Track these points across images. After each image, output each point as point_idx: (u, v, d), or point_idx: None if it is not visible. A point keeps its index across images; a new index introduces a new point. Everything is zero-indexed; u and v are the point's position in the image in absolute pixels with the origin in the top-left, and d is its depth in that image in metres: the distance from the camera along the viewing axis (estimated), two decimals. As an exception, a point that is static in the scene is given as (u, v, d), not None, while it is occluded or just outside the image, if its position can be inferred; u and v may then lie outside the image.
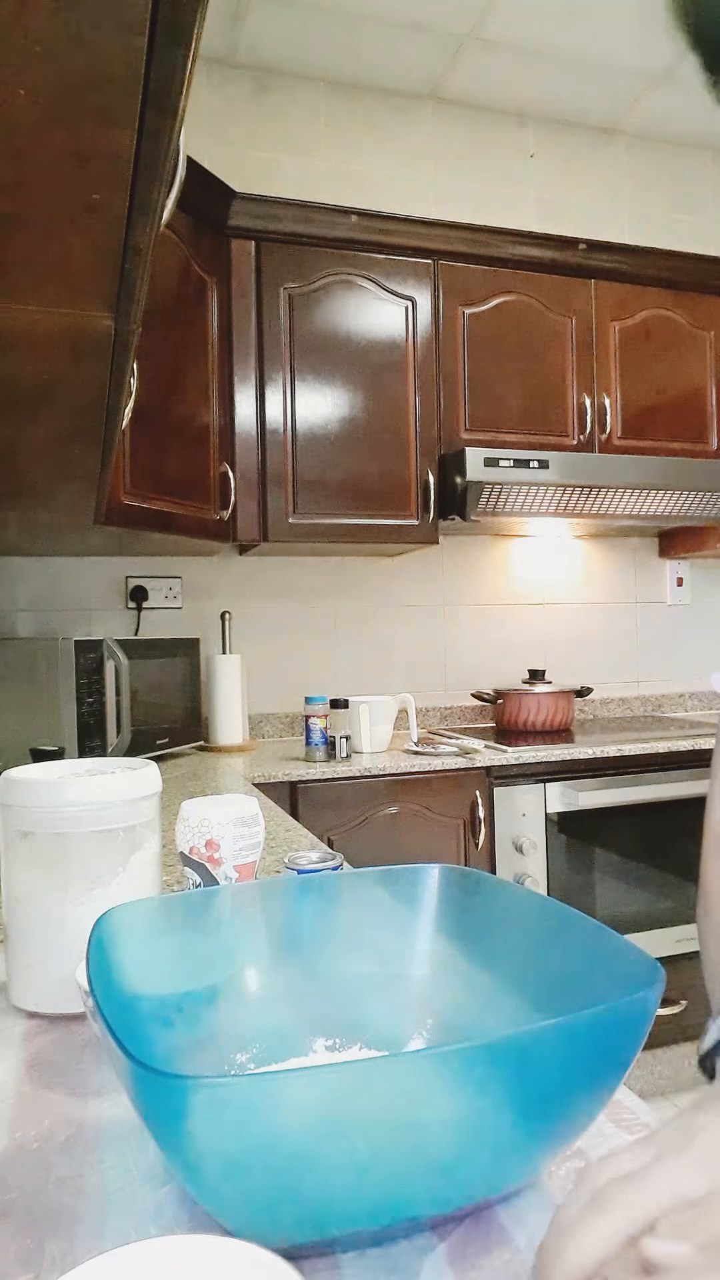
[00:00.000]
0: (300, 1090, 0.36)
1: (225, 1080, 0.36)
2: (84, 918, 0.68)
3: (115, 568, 2.47)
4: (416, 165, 2.80)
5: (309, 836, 1.41)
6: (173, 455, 2.07)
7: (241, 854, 0.81)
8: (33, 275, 0.56)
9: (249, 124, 2.65)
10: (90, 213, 0.48)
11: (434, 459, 2.40)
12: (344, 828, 2.04)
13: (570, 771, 2.17)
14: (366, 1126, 0.37)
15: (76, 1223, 0.44)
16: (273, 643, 2.62)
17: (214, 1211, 0.39)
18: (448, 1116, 0.38)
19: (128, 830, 0.70)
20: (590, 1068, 0.40)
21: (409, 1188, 0.39)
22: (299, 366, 2.30)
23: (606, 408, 2.55)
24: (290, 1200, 0.38)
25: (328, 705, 2.21)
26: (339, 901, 0.61)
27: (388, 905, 0.61)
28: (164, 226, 0.60)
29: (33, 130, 0.41)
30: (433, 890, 0.61)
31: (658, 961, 0.43)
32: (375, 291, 2.36)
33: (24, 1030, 0.67)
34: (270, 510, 2.27)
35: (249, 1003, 0.57)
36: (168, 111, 0.41)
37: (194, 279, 2.13)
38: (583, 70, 2.66)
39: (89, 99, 0.39)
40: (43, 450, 1.03)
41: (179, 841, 0.82)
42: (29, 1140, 0.52)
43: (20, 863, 0.69)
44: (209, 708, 2.41)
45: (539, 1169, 0.44)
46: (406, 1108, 0.37)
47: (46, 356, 0.69)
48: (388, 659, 2.72)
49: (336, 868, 0.80)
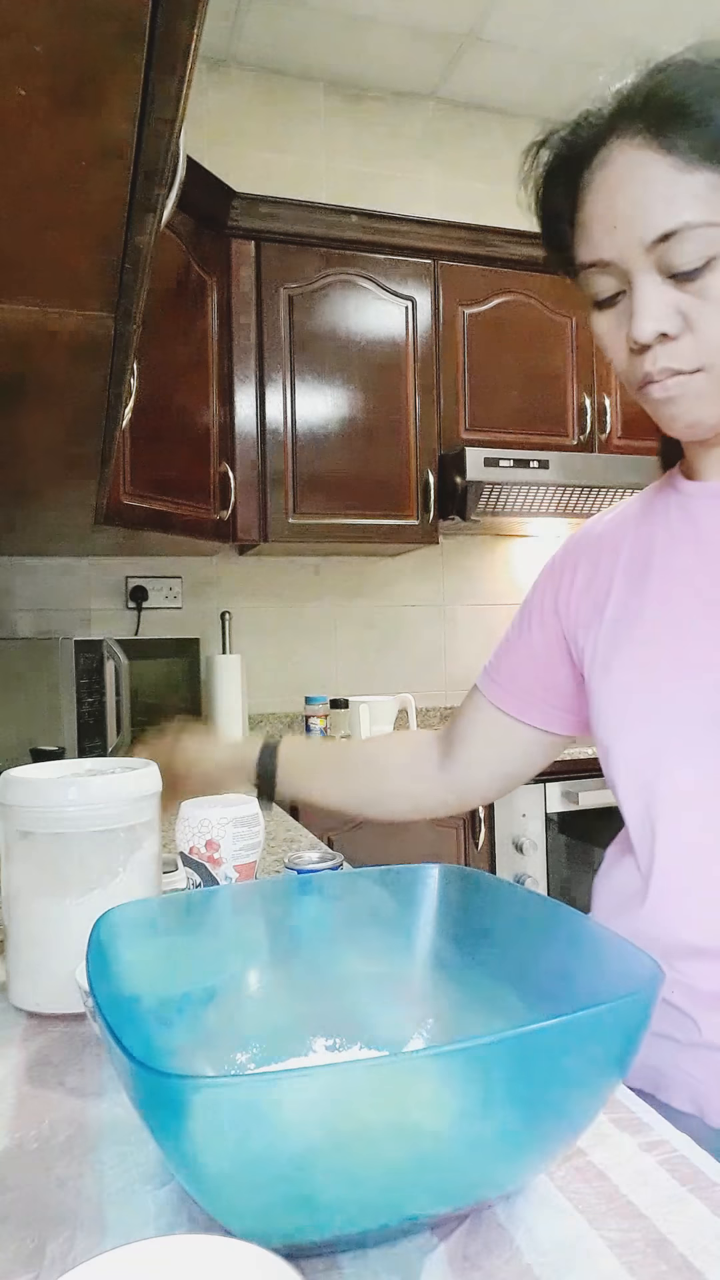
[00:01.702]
0: (300, 1090, 0.36)
1: (225, 1080, 0.36)
2: (84, 918, 0.68)
3: (115, 568, 2.47)
4: (416, 165, 2.80)
5: (309, 836, 1.41)
6: (173, 455, 2.07)
7: (241, 854, 0.81)
8: (33, 275, 0.56)
9: (249, 124, 2.65)
10: (90, 212, 0.48)
11: (434, 459, 2.39)
12: (344, 828, 2.04)
13: (570, 771, 2.17)
14: (366, 1126, 0.37)
15: (76, 1223, 0.44)
16: (273, 643, 2.62)
17: (214, 1211, 0.39)
18: (448, 1116, 0.38)
19: (128, 830, 0.70)
20: (590, 1067, 0.40)
21: (409, 1188, 0.39)
22: (299, 366, 2.30)
23: (606, 408, 2.55)
24: (290, 1200, 0.38)
25: (328, 705, 2.21)
26: (339, 901, 0.61)
27: (388, 905, 0.61)
28: (164, 226, 0.61)
29: (32, 130, 0.41)
30: (433, 890, 0.61)
31: (657, 961, 0.43)
32: (375, 291, 2.36)
33: (24, 1030, 0.67)
34: (270, 510, 2.27)
35: (249, 1003, 0.57)
36: (168, 111, 0.41)
37: (194, 279, 2.13)
38: (582, 70, 2.66)
39: (89, 99, 0.39)
40: (43, 450, 1.03)
41: (179, 841, 0.82)
42: (29, 1140, 0.52)
43: (20, 863, 0.69)
44: (209, 708, 2.41)
45: (539, 1169, 0.44)
46: (406, 1107, 0.37)
47: (46, 356, 0.69)
48: (388, 659, 2.72)
49: (336, 868, 0.80)
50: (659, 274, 0.59)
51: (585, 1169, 0.47)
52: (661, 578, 0.71)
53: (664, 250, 0.58)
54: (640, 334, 0.60)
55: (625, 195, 0.59)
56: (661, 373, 0.61)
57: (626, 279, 0.61)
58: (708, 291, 0.58)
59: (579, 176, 0.62)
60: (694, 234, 0.57)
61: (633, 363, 0.63)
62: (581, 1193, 0.45)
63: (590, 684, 0.75)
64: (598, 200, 0.61)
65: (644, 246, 0.58)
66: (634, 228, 0.58)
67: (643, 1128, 0.51)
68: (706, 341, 0.59)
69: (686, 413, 0.63)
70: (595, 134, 0.61)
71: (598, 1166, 0.47)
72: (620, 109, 0.59)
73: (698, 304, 0.59)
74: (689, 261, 0.57)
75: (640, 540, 0.75)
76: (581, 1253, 0.41)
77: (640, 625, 0.71)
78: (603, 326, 0.65)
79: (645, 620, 0.71)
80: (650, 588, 0.72)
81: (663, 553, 0.72)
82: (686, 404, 0.62)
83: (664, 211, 0.57)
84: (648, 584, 0.72)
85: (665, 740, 0.67)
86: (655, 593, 0.71)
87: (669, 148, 0.56)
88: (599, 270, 0.62)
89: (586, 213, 0.62)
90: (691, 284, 0.58)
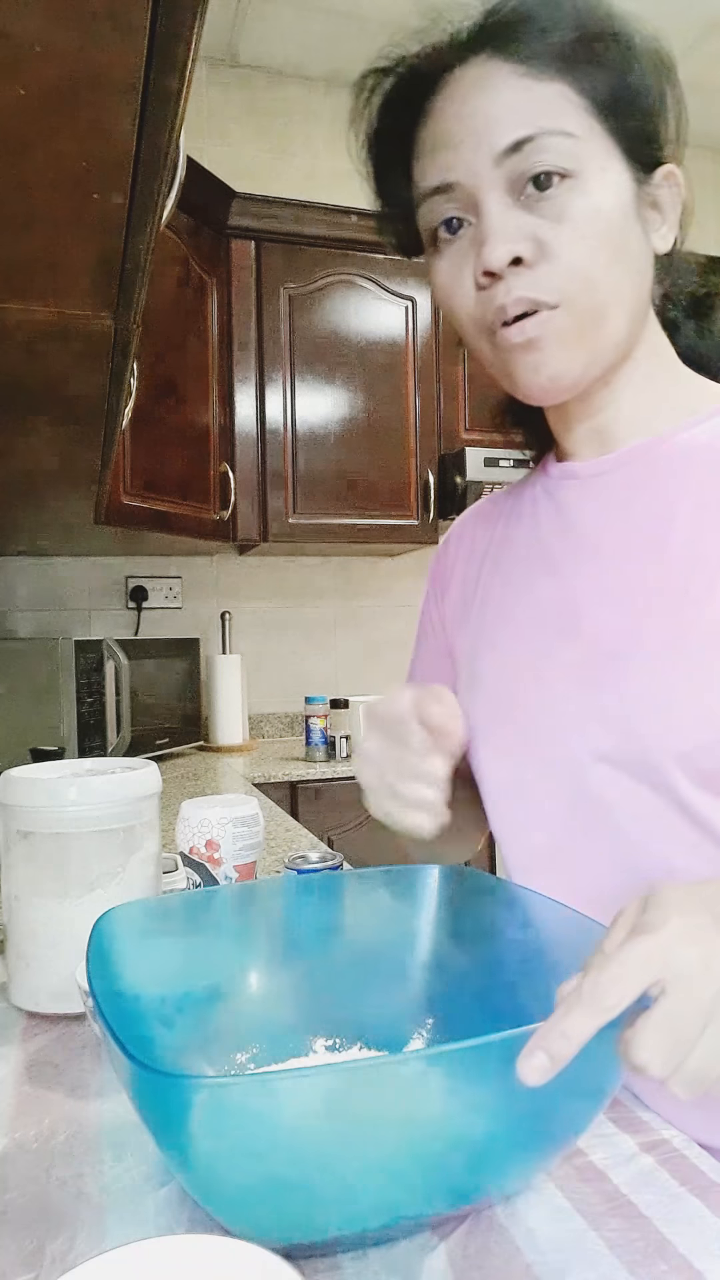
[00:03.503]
0: (300, 1091, 0.36)
1: (225, 1080, 0.36)
2: (84, 918, 0.68)
3: (115, 568, 2.47)
4: (416, 165, 2.79)
5: (309, 836, 1.41)
6: (173, 455, 2.07)
7: (241, 854, 0.81)
8: (33, 275, 0.56)
9: (249, 124, 2.65)
10: (90, 213, 0.48)
11: (434, 459, 2.39)
12: (344, 828, 2.04)
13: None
14: (366, 1127, 0.37)
15: (76, 1223, 0.44)
16: (273, 643, 2.62)
17: (214, 1211, 0.39)
18: (448, 1116, 0.38)
19: (127, 830, 0.70)
20: (590, 1068, 0.40)
21: (409, 1188, 0.39)
22: (299, 366, 2.30)
23: (606, 408, 2.54)
24: (290, 1200, 0.38)
25: (328, 705, 2.21)
26: (339, 901, 0.61)
27: (388, 905, 0.61)
28: (164, 226, 0.61)
29: (33, 130, 0.41)
30: (433, 890, 0.60)
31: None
32: (375, 291, 2.36)
33: (24, 1030, 0.67)
34: (270, 510, 2.27)
35: (249, 1003, 0.57)
36: (168, 112, 0.41)
37: (194, 279, 2.13)
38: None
39: (89, 99, 0.39)
40: (43, 450, 1.03)
41: (179, 841, 0.82)
42: (29, 1140, 0.52)
43: (20, 863, 0.69)
44: (209, 708, 2.41)
45: (539, 1169, 0.44)
46: (406, 1108, 0.37)
47: (47, 356, 0.69)
48: (388, 659, 2.72)
49: (337, 868, 0.80)
50: (509, 195, 0.54)
51: (585, 1169, 0.47)
52: (521, 578, 0.65)
53: (516, 161, 0.53)
54: (491, 258, 0.53)
55: (474, 108, 0.54)
56: (517, 303, 0.54)
57: (474, 203, 0.55)
58: (565, 212, 0.53)
59: (423, 103, 0.57)
60: (547, 142, 0.52)
61: (482, 301, 0.56)
62: (581, 1193, 0.45)
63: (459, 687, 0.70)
64: (444, 119, 0.56)
65: (493, 158, 0.53)
66: (483, 139, 0.53)
67: (643, 1128, 0.51)
68: (566, 268, 0.53)
69: (548, 361, 0.55)
70: (442, 57, 0.56)
71: (598, 1166, 0.47)
72: (469, 30, 0.55)
73: (553, 228, 0.53)
74: (545, 165, 0.52)
75: (508, 531, 0.69)
76: (581, 1253, 0.41)
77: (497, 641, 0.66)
78: (443, 267, 0.58)
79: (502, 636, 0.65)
80: (510, 591, 0.66)
81: (525, 547, 0.66)
82: (549, 349, 0.55)
83: (516, 119, 0.53)
84: (509, 586, 0.66)
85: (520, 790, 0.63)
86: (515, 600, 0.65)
87: (518, 58, 0.53)
88: (443, 197, 0.56)
89: (430, 134, 0.57)
90: (544, 204, 0.53)
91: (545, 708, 0.61)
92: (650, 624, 0.56)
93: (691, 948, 0.37)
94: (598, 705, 0.58)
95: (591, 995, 0.35)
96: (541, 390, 0.57)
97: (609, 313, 0.55)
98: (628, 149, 0.55)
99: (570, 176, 0.53)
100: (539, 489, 0.67)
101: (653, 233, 0.58)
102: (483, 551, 0.71)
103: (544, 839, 0.62)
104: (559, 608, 0.62)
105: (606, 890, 0.58)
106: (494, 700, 0.65)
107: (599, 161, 0.54)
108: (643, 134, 0.55)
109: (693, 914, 0.38)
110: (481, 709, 0.66)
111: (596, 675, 0.58)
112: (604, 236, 0.54)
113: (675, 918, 0.38)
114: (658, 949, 0.36)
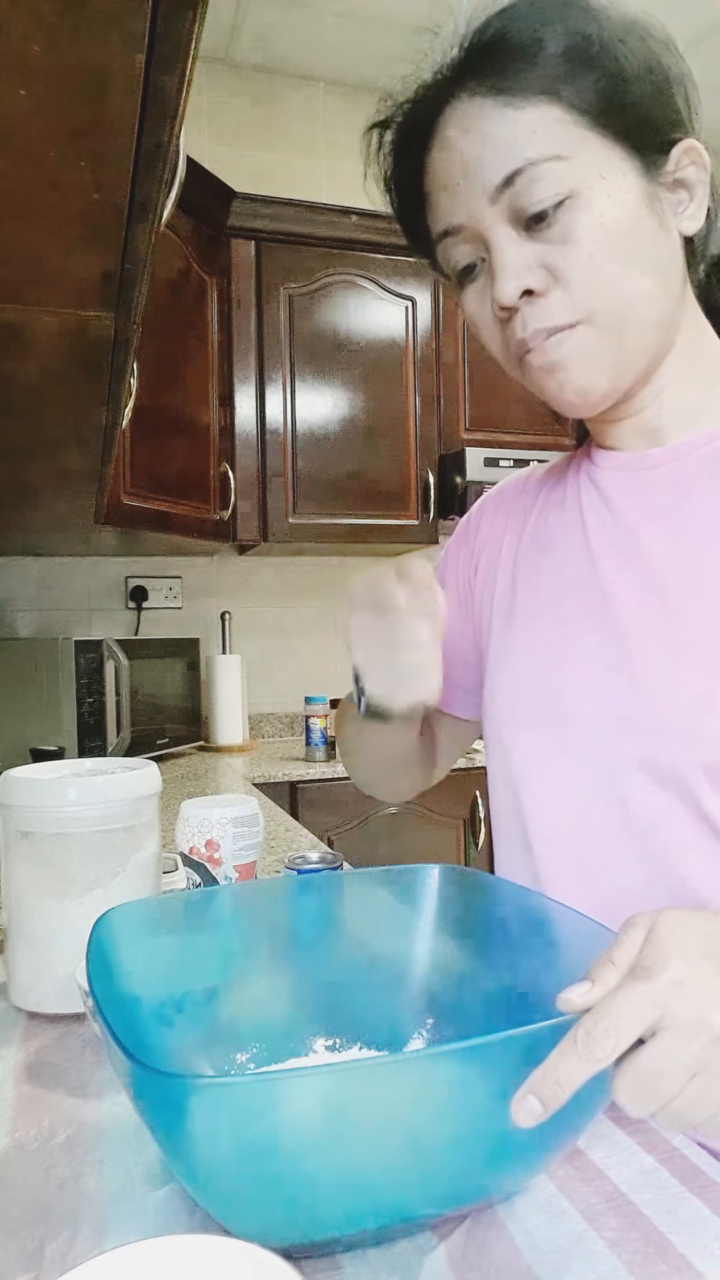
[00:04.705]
0: (300, 1090, 0.36)
1: (225, 1080, 0.36)
2: (84, 918, 0.68)
3: (115, 568, 2.47)
4: (416, 165, 2.79)
5: (309, 836, 1.41)
6: (173, 455, 2.07)
7: (241, 854, 0.81)
8: (33, 275, 0.56)
9: (249, 124, 2.65)
10: (90, 212, 0.48)
11: (434, 459, 2.39)
12: (344, 828, 2.04)
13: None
14: (366, 1127, 0.37)
15: (76, 1223, 0.44)
16: (273, 643, 2.62)
17: (214, 1211, 0.39)
18: (448, 1116, 0.38)
19: (127, 830, 0.70)
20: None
21: (409, 1188, 0.39)
22: (299, 366, 2.30)
23: (606, 408, 2.55)
24: (290, 1200, 0.38)
25: (328, 705, 2.21)
26: (339, 901, 0.61)
27: (388, 905, 0.61)
28: (164, 226, 0.61)
29: (32, 129, 0.41)
30: (433, 890, 0.61)
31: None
32: (375, 291, 2.36)
33: (24, 1030, 0.67)
34: (270, 510, 2.27)
35: (249, 1002, 0.57)
36: (168, 112, 0.41)
37: (194, 279, 2.13)
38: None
39: (89, 99, 0.39)
40: (43, 450, 1.03)
41: (179, 841, 0.82)
42: (29, 1140, 0.52)
43: (20, 863, 0.69)
44: (209, 708, 2.41)
45: (539, 1169, 0.44)
46: (406, 1108, 0.37)
47: (47, 356, 0.69)
48: (388, 659, 2.71)
49: (337, 868, 0.80)
50: (512, 227, 0.54)
51: (585, 1169, 0.47)
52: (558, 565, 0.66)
53: (512, 197, 0.53)
54: (503, 294, 0.54)
55: (463, 151, 0.54)
56: (535, 335, 0.55)
57: (482, 242, 0.55)
58: (570, 234, 0.53)
59: (423, 156, 0.58)
60: (539, 171, 0.52)
61: (504, 334, 0.57)
62: (581, 1193, 0.45)
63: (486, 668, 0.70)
64: (438, 166, 0.56)
65: (489, 197, 0.54)
66: (475, 180, 0.54)
67: (643, 1127, 0.51)
68: (579, 289, 0.54)
69: (574, 377, 0.56)
70: (429, 103, 0.57)
71: (598, 1166, 0.47)
72: (450, 67, 0.56)
73: (560, 251, 0.53)
74: (541, 201, 0.52)
75: (545, 514, 0.69)
76: (581, 1253, 0.41)
77: (533, 614, 0.66)
78: (471, 304, 0.59)
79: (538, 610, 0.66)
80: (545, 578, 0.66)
81: (563, 530, 0.67)
82: (573, 367, 0.56)
83: (503, 154, 0.53)
84: (542, 572, 0.67)
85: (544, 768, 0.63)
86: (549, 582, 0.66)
87: (499, 90, 0.53)
88: (454, 239, 0.57)
89: (430, 182, 0.58)
90: (549, 230, 0.53)
91: (573, 699, 0.62)
92: (684, 630, 0.57)
93: (687, 999, 0.37)
94: (626, 709, 0.58)
95: (585, 1046, 0.36)
96: (573, 406, 0.58)
97: (631, 319, 0.55)
98: (630, 143, 0.54)
99: (569, 198, 0.53)
100: (583, 476, 0.67)
101: (679, 214, 0.56)
102: (518, 530, 0.71)
103: (565, 827, 0.62)
104: (593, 602, 0.62)
105: (621, 884, 0.59)
106: (519, 680, 0.66)
107: (597, 171, 0.53)
108: (644, 122, 0.54)
109: (693, 960, 0.38)
110: (504, 685, 0.67)
111: (626, 679, 0.59)
112: (612, 247, 0.53)
113: (675, 963, 0.37)
114: (652, 999, 0.36)
